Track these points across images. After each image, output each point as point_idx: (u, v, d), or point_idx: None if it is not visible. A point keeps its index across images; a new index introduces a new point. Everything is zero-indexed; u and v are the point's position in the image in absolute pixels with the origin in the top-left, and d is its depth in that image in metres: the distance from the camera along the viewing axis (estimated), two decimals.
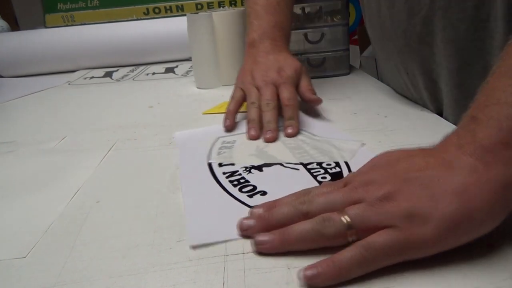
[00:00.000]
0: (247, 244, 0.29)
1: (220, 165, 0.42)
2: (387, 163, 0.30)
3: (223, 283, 0.25)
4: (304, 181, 0.38)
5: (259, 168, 0.41)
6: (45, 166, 0.47)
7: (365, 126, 0.50)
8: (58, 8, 1.26)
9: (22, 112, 0.75)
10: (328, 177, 0.38)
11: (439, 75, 0.49)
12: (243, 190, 0.37)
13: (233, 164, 0.42)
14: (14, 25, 1.64)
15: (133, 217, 0.34)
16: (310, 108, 0.56)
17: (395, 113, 0.53)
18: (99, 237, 0.31)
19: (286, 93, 0.50)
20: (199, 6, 1.19)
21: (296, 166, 0.41)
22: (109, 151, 0.50)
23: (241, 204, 0.35)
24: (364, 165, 0.32)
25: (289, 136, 0.48)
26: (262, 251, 0.28)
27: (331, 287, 0.24)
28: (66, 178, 0.43)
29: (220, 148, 0.46)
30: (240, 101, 0.54)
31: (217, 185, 0.38)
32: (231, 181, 0.39)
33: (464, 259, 0.25)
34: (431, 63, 0.49)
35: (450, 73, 0.47)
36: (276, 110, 0.49)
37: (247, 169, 0.40)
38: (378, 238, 0.25)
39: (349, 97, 0.63)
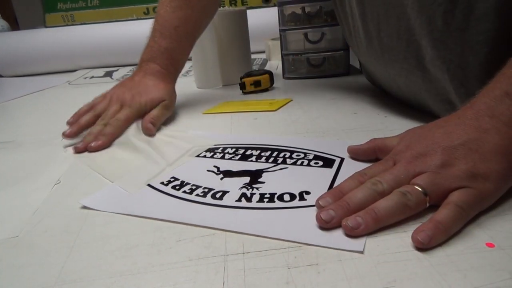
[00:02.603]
0: (247, 244, 0.29)
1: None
2: (422, 137, 0.33)
3: (223, 283, 0.25)
4: (307, 172, 0.39)
5: (254, 181, 0.37)
6: (44, 161, 0.47)
7: (365, 126, 0.50)
8: (58, 7, 1.26)
9: (22, 112, 0.75)
10: (320, 162, 0.40)
11: (457, 100, 0.44)
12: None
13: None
14: (14, 25, 1.65)
15: (133, 217, 0.34)
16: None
17: (395, 113, 0.53)
18: (99, 237, 0.31)
19: (118, 114, 0.54)
20: None
21: (280, 167, 0.40)
22: None
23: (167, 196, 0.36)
24: (398, 144, 0.35)
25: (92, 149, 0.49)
26: (356, 235, 0.28)
27: None
28: (66, 178, 0.43)
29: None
30: (88, 110, 0.56)
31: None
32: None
33: (464, 259, 0.25)
34: (446, 87, 0.44)
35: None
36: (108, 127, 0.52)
37: (248, 188, 0.36)
38: (462, 195, 0.28)
39: (349, 97, 0.63)
